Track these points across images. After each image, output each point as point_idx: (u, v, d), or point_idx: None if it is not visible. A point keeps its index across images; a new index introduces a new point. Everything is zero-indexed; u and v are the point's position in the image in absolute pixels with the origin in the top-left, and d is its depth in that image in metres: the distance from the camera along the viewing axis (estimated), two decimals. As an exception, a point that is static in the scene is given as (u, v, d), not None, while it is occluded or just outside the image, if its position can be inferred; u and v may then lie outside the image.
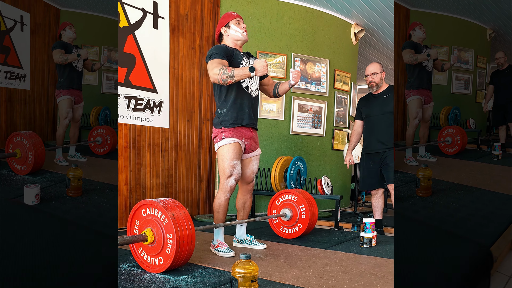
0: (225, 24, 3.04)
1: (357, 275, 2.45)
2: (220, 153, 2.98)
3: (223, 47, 2.93)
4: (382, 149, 3.70)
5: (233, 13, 3.07)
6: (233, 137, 2.96)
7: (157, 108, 4.44)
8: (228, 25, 3.03)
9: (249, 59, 3.10)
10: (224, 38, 3.07)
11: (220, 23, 3.07)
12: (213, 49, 2.91)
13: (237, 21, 3.04)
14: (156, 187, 4.40)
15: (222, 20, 3.06)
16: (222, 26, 3.05)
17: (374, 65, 3.79)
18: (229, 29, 3.03)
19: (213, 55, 2.85)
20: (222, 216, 3.02)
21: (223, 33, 3.06)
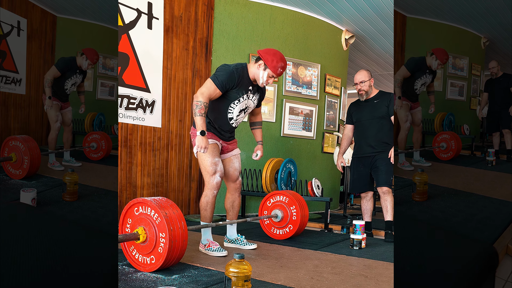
0: (267, 62, 2.87)
1: (348, 276, 2.49)
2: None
3: (231, 75, 2.86)
4: (372, 152, 3.76)
5: (281, 69, 2.90)
6: (211, 138, 3.04)
7: (150, 108, 4.45)
8: (266, 66, 2.89)
9: (257, 93, 3.08)
10: (253, 65, 2.95)
11: (267, 54, 2.87)
12: (223, 72, 2.85)
13: (273, 75, 2.91)
14: (147, 186, 4.41)
15: (271, 57, 2.86)
16: (264, 61, 2.88)
17: (362, 73, 3.83)
18: (263, 70, 2.90)
19: (216, 80, 2.84)
20: (210, 214, 3.02)
21: (258, 62, 2.92)
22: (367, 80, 3.78)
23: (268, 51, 2.90)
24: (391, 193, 3.69)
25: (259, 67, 2.91)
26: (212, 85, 2.85)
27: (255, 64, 2.94)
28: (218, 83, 2.85)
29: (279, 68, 2.87)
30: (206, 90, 2.84)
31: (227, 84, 2.88)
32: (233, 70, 2.88)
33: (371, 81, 3.80)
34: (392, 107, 3.72)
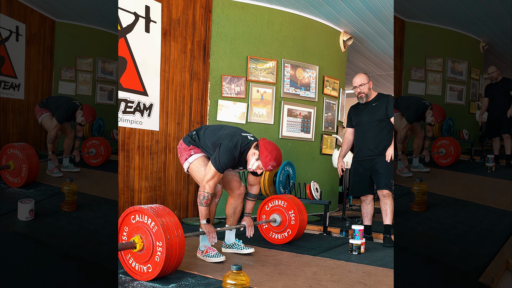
0: (261, 156, 2.81)
1: (347, 284, 2.47)
2: (193, 166, 3.04)
3: (233, 159, 2.87)
4: (371, 155, 3.75)
5: (272, 167, 2.84)
6: (202, 152, 3.07)
7: (147, 111, 4.43)
8: (259, 158, 2.84)
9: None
10: (252, 148, 2.90)
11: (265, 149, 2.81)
12: (226, 157, 2.84)
13: (262, 168, 2.88)
14: (145, 190, 4.39)
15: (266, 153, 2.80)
16: (260, 154, 2.83)
17: (360, 76, 3.83)
18: (256, 160, 2.86)
19: (219, 168, 2.85)
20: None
21: (255, 150, 2.88)
22: (366, 83, 3.78)
23: (267, 146, 2.83)
24: (391, 196, 3.68)
25: (253, 155, 2.88)
26: (216, 173, 2.87)
27: (253, 149, 2.90)
28: (221, 169, 2.86)
29: (270, 166, 2.82)
30: (212, 182, 2.87)
31: (229, 166, 2.92)
32: (235, 156, 2.88)
33: (370, 84, 3.80)
34: (391, 108, 3.71)
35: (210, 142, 2.99)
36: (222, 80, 5.15)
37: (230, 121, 5.13)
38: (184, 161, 3.08)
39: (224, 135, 2.95)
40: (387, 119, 3.73)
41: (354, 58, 7.65)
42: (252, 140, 2.96)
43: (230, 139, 2.90)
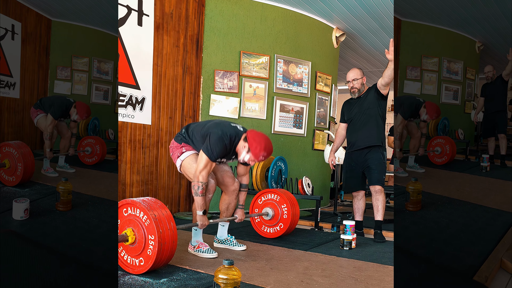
0: (251, 148, 2.82)
1: (338, 279, 2.49)
2: (185, 163, 3.03)
3: (224, 148, 2.87)
4: (360, 146, 3.74)
5: (263, 157, 2.85)
6: (193, 150, 3.06)
7: (139, 105, 4.41)
8: (249, 151, 2.85)
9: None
10: (242, 141, 2.91)
11: (253, 140, 2.82)
12: (216, 144, 2.83)
13: (254, 160, 2.89)
14: (136, 184, 4.38)
15: (255, 145, 2.81)
16: (249, 146, 2.84)
17: (354, 71, 3.83)
18: (246, 152, 2.87)
19: (212, 156, 2.83)
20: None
21: (245, 143, 2.88)
22: (359, 78, 3.78)
23: (255, 137, 2.84)
24: (383, 192, 3.69)
25: (244, 148, 2.89)
26: (208, 162, 2.85)
27: (242, 141, 2.90)
28: (213, 157, 2.85)
29: (261, 156, 2.83)
30: (205, 171, 2.85)
31: (221, 155, 2.90)
32: (225, 144, 2.87)
33: (363, 79, 3.80)
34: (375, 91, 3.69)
35: (199, 135, 2.99)
36: (215, 75, 5.13)
37: (223, 116, 5.13)
38: (176, 159, 3.07)
39: (212, 125, 2.96)
40: (374, 107, 3.71)
41: (347, 54, 7.67)
42: (242, 131, 2.96)
43: (219, 128, 2.91)
